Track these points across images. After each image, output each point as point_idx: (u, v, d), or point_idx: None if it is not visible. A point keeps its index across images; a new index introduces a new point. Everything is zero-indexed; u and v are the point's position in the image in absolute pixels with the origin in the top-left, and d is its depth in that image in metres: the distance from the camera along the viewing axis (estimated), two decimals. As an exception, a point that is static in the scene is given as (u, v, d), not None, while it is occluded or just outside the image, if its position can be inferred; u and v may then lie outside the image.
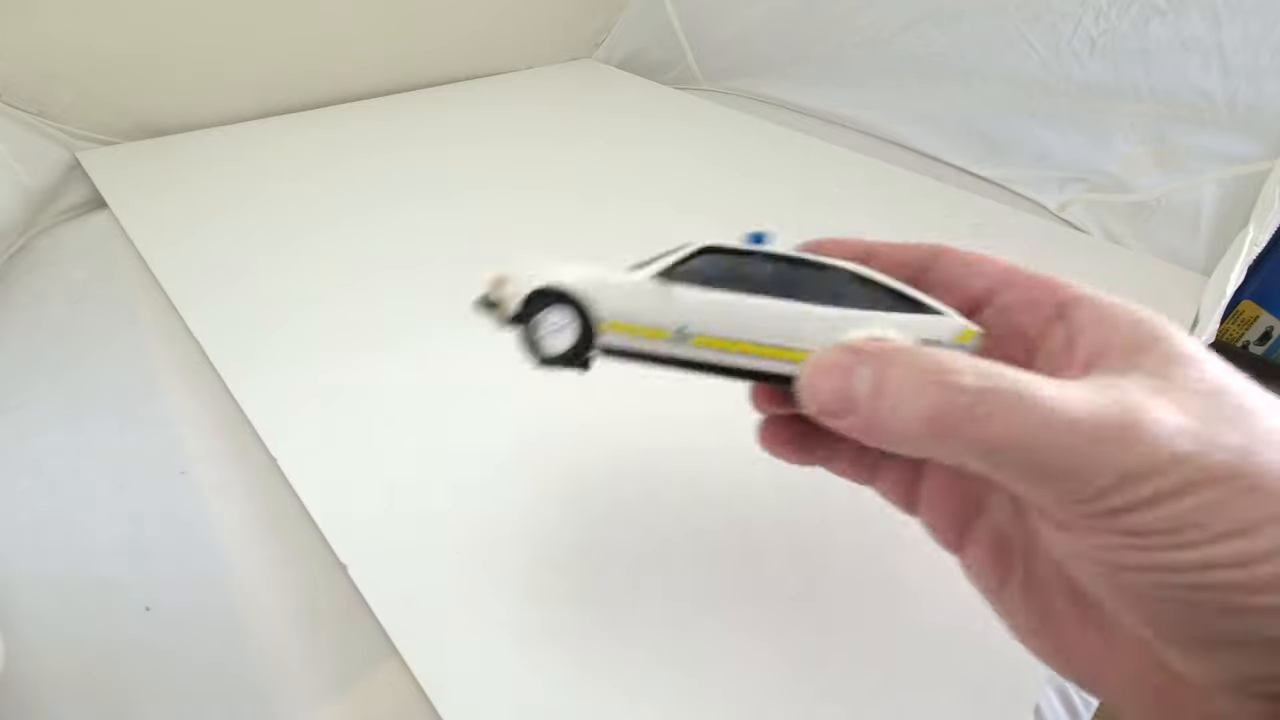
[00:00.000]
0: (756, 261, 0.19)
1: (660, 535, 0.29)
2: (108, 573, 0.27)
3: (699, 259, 0.19)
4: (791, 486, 0.30)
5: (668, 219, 0.53)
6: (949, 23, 0.66)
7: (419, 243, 0.47)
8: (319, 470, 0.31)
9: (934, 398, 0.14)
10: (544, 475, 0.31)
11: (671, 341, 0.19)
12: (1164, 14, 0.54)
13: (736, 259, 0.19)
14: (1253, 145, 0.53)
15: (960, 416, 0.14)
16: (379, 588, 0.27)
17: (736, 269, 0.19)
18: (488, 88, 0.76)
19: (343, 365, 0.36)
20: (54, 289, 0.42)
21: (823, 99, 0.76)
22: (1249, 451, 0.13)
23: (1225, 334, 0.86)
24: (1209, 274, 0.52)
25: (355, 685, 0.24)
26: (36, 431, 0.33)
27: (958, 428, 0.14)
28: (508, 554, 0.28)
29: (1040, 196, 0.63)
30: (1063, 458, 0.13)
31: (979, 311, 0.20)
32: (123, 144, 0.55)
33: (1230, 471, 0.13)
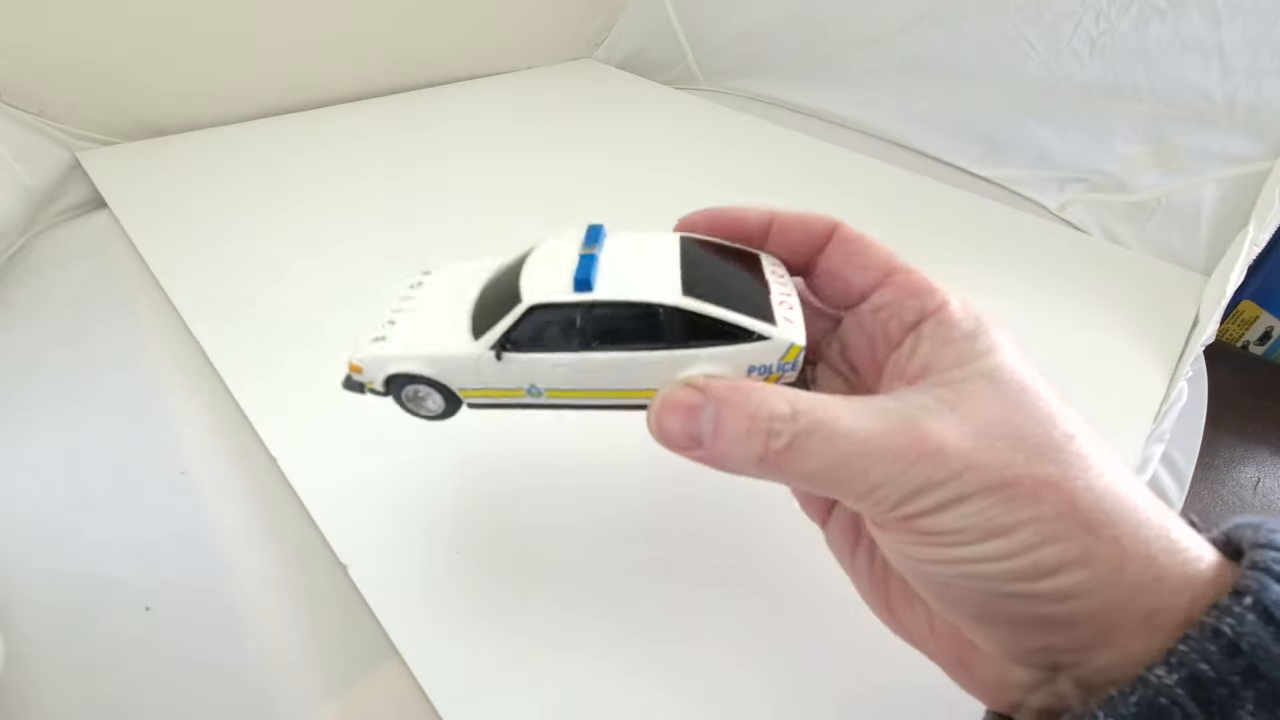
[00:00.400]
0: (583, 312, 0.19)
1: (661, 536, 0.29)
2: (108, 573, 0.27)
3: (528, 320, 0.19)
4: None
5: (668, 219, 0.53)
6: (949, 23, 0.66)
7: (419, 242, 0.47)
8: (319, 470, 0.31)
9: (759, 444, 0.17)
10: (545, 475, 0.31)
11: (528, 397, 0.21)
12: (1164, 14, 0.54)
13: (564, 312, 0.19)
14: (1253, 145, 0.53)
15: (781, 458, 0.17)
16: (379, 588, 0.27)
17: (566, 324, 0.19)
18: (488, 88, 0.76)
19: (343, 365, 0.36)
20: (54, 289, 0.42)
21: (823, 99, 0.76)
22: (1011, 466, 0.16)
23: (1225, 334, 0.86)
24: (1209, 274, 0.52)
25: (355, 685, 0.24)
26: (36, 431, 0.33)
27: (780, 466, 0.17)
28: (508, 554, 0.28)
29: (1040, 196, 0.63)
30: (862, 480, 0.16)
31: (856, 306, 0.22)
32: (123, 144, 0.55)
33: (994, 483, 0.16)
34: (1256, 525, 0.16)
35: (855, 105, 0.74)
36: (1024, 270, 0.50)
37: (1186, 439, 0.41)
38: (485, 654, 0.25)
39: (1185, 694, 0.14)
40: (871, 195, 0.60)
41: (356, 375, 0.22)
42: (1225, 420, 0.68)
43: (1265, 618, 0.14)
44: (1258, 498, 0.63)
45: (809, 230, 0.22)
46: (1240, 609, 0.14)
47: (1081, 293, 0.48)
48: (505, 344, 0.20)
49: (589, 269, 0.19)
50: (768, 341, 0.19)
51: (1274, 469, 0.65)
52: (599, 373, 0.19)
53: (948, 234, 0.55)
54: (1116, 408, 0.39)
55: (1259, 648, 0.13)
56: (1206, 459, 0.54)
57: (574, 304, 0.19)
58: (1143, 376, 0.42)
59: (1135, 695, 0.14)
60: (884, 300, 0.21)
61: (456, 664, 0.25)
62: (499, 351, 0.20)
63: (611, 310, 0.19)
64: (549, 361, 0.20)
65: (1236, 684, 0.13)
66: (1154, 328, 0.46)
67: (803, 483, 0.18)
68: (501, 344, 0.20)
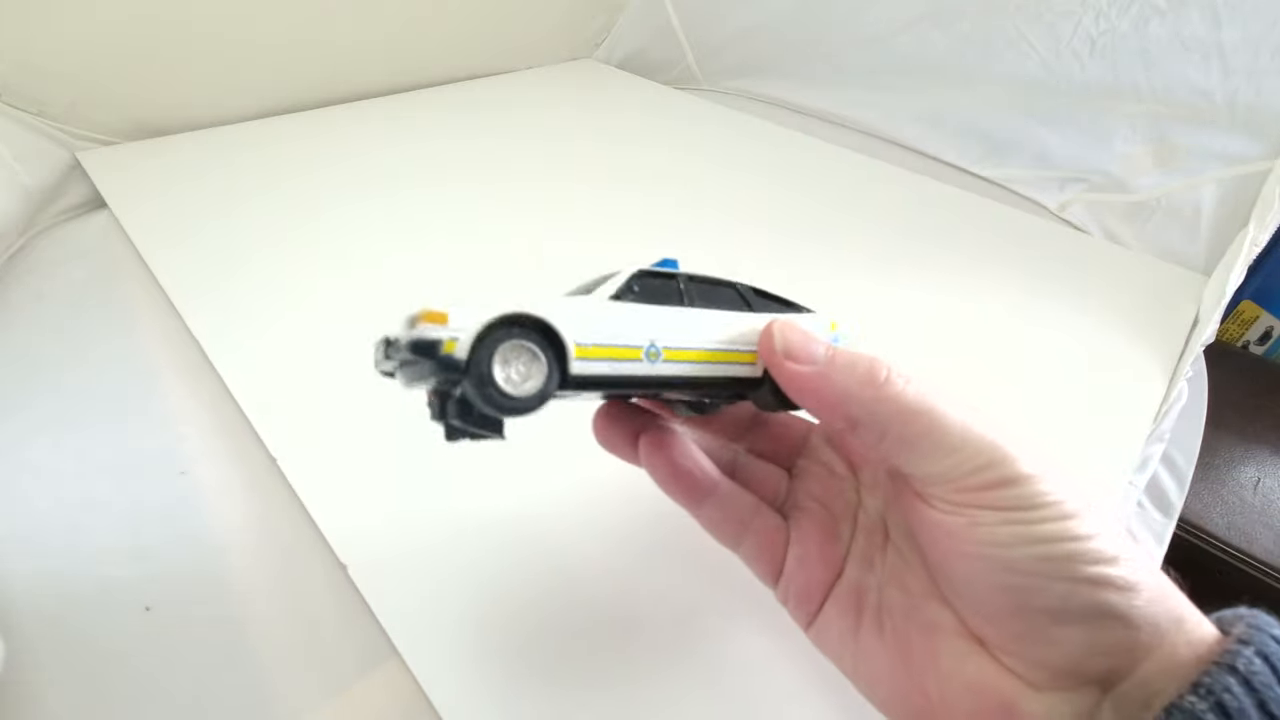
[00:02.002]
0: (679, 282, 0.21)
1: (663, 536, 0.29)
2: (108, 573, 0.27)
3: (636, 281, 0.20)
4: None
5: (668, 218, 0.53)
6: (949, 23, 0.66)
7: (419, 243, 0.47)
8: (319, 470, 0.31)
9: (876, 374, 0.19)
10: (546, 475, 0.31)
11: (644, 362, 0.19)
12: (1164, 14, 0.54)
13: (663, 281, 0.21)
14: (1253, 145, 0.53)
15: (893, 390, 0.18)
16: (379, 588, 0.27)
17: (667, 289, 0.21)
18: (488, 88, 0.76)
19: (344, 366, 0.36)
20: (54, 289, 0.42)
21: (823, 99, 0.76)
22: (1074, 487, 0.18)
23: (1225, 334, 0.86)
24: (1209, 274, 0.52)
25: (355, 685, 0.24)
26: (36, 431, 0.33)
27: (889, 397, 0.18)
28: (508, 554, 0.28)
29: (1040, 196, 0.63)
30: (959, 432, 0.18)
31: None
32: (123, 144, 0.55)
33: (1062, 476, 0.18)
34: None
35: (855, 105, 0.74)
36: (1024, 270, 0.50)
37: (1186, 439, 0.41)
38: (485, 654, 0.25)
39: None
40: (871, 195, 0.60)
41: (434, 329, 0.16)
42: (1225, 420, 0.68)
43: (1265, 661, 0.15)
44: (1258, 498, 0.63)
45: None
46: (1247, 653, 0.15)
47: (1082, 293, 0.48)
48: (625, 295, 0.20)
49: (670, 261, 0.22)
50: (815, 314, 0.23)
51: (1274, 469, 0.65)
52: (709, 325, 0.20)
53: (948, 234, 0.55)
54: (1116, 408, 0.39)
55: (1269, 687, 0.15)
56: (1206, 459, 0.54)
57: (671, 274, 0.21)
58: (1143, 376, 0.42)
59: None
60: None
61: (456, 664, 0.25)
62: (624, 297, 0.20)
63: (701, 282, 0.21)
64: (668, 312, 0.20)
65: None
66: (1154, 328, 0.46)
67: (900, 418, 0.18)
68: (622, 294, 0.20)
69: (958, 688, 0.18)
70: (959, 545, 0.18)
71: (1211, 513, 0.61)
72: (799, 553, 0.23)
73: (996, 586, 0.17)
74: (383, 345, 0.19)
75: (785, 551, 0.23)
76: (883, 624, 0.21)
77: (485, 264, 0.46)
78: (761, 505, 0.24)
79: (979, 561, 0.18)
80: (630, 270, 0.20)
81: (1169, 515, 0.37)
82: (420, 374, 0.17)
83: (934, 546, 0.19)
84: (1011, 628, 0.18)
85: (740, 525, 0.23)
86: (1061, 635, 0.17)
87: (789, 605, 0.23)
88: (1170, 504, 0.37)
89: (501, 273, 0.45)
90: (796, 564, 0.23)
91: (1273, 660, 0.15)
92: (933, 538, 0.19)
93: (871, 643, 0.21)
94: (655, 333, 0.19)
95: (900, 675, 0.20)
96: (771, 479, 0.25)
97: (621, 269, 0.21)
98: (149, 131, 0.56)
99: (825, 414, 0.20)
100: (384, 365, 0.19)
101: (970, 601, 0.18)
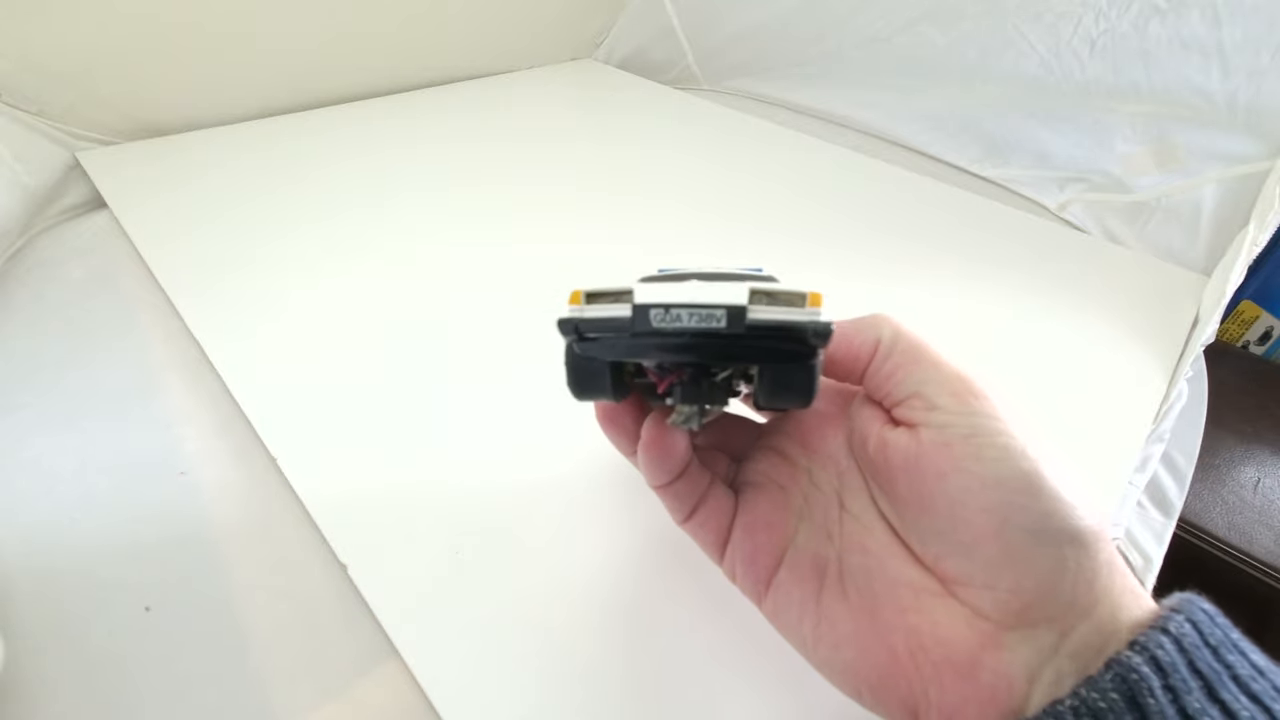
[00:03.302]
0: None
1: (665, 536, 0.29)
2: (108, 573, 0.27)
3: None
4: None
5: (668, 218, 0.53)
6: (949, 23, 0.66)
7: (420, 243, 0.47)
8: (319, 470, 0.31)
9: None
10: (546, 475, 0.31)
11: None
12: (1164, 14, 0.54)
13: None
14: (1253, 145, 0.53)
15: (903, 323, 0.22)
16: (379, 588, 0.27)
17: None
18: (488, 88, 0.76)
19: (343, 365, 0.36)
20: (54, 289, 0.42)
21: (823, 99, 0.76)
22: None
23: (1225, 334, 0.86)
24: (1209, 274, 0.52)
25: (355, 685, 0.24)
26: (36, 431, 0.33)
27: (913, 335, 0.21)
28: (508, 554, 0.28)
29: (1040, 196, 0.63)
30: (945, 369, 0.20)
31: None
32: (123, 144, 0.55)
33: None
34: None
35: (855, 105, 0.74)
36: (1024, 270, 0.50)
37: (1186, 439, 0.41)
38: (485, 654, 0.25)
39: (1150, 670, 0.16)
40: (871, 195, 0.60)
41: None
42: (1225, 420, 0.68)
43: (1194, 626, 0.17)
44: (1258, 498, 0.63)
45: None
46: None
47: (1081, 293, 0.48)
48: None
49: None
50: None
51: (1274, 469, 0.65)
52: None
53: (948, 234, 0.55)
54: (1116, 407, 0.39)
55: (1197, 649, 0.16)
56: (1206, 459, 0.54)
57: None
58: (1143, 376, 0.42)
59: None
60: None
61: (456, 664, 0.25)
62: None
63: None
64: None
65: None
66: (1154, 328, 0.46)
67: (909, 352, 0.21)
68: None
69: (926, 639, 0.19)
70: (943, 464, 0.19)
71: (1211, 513, 0.61)
72: (745, 521, 0.23)
73: (979, 506, 0.18)
74: None
75: (732, 523, 0.23)
76: (845, 588, 0.21)
77: (485, 263, 0.46)
78: (716, 481, 0.24)
79: (963, 478, 0.18)
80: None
81: (1169, 515, 0.37)
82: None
83: (914, 475, 0.19)
84: (989, 552, 0.18)
85: (698, 500, 0.23)
86: (1038, 556, 0.18)
87: (737, 578, 0.23)
88: (1170, 504, 0.37)
89: (501, 273, 0.45)
90: (742, 532, 0.23)
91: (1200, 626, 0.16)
92: (913, 465, 0.19)
93: (834, 606, 0.21)
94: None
95: (866, 634, 0.20)
96: (720, 463, 0.25)
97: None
98: (149, 131, 0.56)
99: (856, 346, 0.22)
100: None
101: (949, 528, 0.19)
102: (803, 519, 0.23)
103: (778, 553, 0.22)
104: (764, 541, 0.22)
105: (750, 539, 0.23)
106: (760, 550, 0.22)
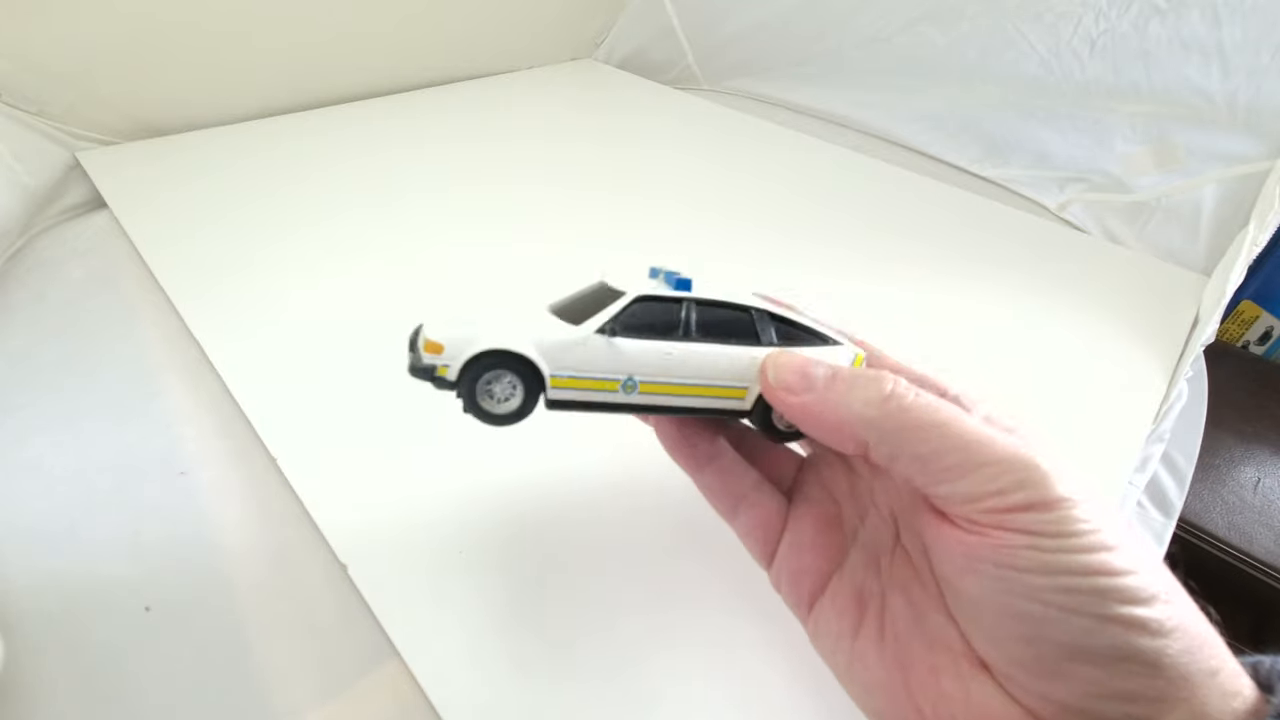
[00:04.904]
0: (686, 308, 0.20)
1: (667, 536, 0.29)
2: (108, 573, 0.27)
3: (634, 309, 0.20)
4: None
5: (668, 218, 0.53)
6: (949, 23, 0.66)
7: (419, 242, 0.47)
8: (319, 470, 0.31)
9: (887, 385, 0.18)
10: (546, 475, 0.31)
11: (619, 392, 0.20)
12: (1164, 14, 0.54)
13: (667, 306, 0.20)
14: (1253, 145, 0.53)
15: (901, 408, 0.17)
16: (379, 588, 0.27)
17: (670, 316, 0.20)
18: (488, 88, 0.76)
19: (343, 364, 0.36)
20: (54, 289, 0.42)
21: (823, 99, 0.76)
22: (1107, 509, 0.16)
23: (1225, 334, 0.86)
24: (1209, 274, 0.52)
25: (355, 685, 0.24)
26: (36, 431, 0.33)
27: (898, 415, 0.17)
28: (508, 554, 0.28)
29: (1040, 196, 0.63)
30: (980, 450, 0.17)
31: None
32: (123, 144, 0.55)
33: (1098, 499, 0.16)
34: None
35: (855, 105, 0.74)
36: (1024, 270, 0.50)
37: (1186, 439, 0.41)
38: (485, 654, 0.25)
39: None
40: (871, 195, 0.60)
41: (432, 356, 0.20)
42: (1225, 420, 0.68)
43: None
44: (1258, 498, 0.63)
45: None
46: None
47: (1081, 293, 0.48)
48: (614, 328, 0.20)
49: (687, 283, 0.21)
50: (840, 347, 0.22)
51: (1274, 469, 0.65)
52: (702, 364, 0.20)
53: (948, 234, 0.55)
54: (1116, 408, 0.39)
55: None
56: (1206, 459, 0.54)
57: (677, 298, 0.20)
58: (1143, 376, 0.42)
59: None
60: None
61: (456, 664, 0.25)
62: (611, 331, 0.20)
63: (710, 308, 0.21)
64: (654, 349, 0.20)
65: None
66: (1154, 328, 0.46)
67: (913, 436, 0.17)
68: (610, 328, 0.20)
69: (958, 710, 0.17)
70: (974, 563, 0.17)
71: (1211, 513, 0.61)
72: (793, 538, 0.22)
73: (1009, 611, 0.16)
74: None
75: (781, 534, 0.22)
76: (884, 632, 0.20)
77: (485, 263, 0.46)
78: (764, 482, 0.23)
79: (994, 582, 0.16)
80: (630, 296, 0.20)
81: (1169, 515, 0.37)
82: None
83: (946, 560, 0.18)
84: (1019, 654, 0.16)
85: (737, 498, 0.23)
86: (1075, 672, 0.15)
87: (781, 591, 0.22)
88: (1170, 504, 0.37)
89: (501, 272, 0.45)
90: (789, 549, 0.22)
91: None
92: (946, 552, 0.18)
93: (869, 649, 0.20)
94: (636, 368, 0.20)
95: (897, 688, 0.19)
96: (782, 460, 0.24)
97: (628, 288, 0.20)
98: (149, 131, 0.56)
99: (832, 439, 0.19)
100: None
101: (977, 621, 0.17)
102: (854, 541, 0.22)
103: (823, 579, 0.21)
104: (810, 564, 0.22)
105: (797, 559, 0.22)
106: (806, 573, 0.22)
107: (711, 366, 0.20)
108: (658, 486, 0.30)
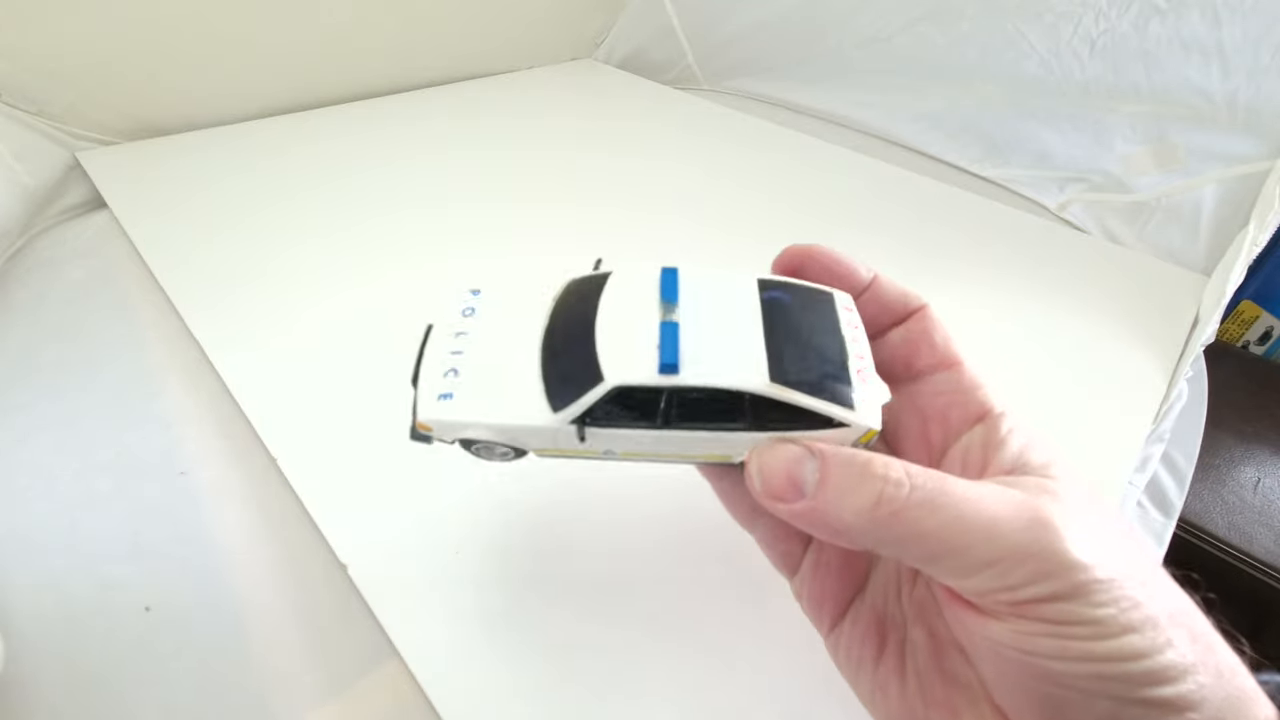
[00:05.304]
0: (668, 394, 0.18)
1: (668, 537, 0.29)
2: (108, 573, 0.27)
3: (612, 397, 0.18)
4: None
5: (668, 218, 0.53)
6: (949, 23, 0.66)
7: (419, 242, 0.47)
8: (319, 470, 0.31)
9: (873, 493, 0.16)
10: (546, 476, 0.31)
11: (602, 457, 0.21)
12: (1164, 14, 0.54)
13: (648, 394, 0.18)
14: (1253, 145, 0.53)
15: (896, 512, 0.16)
16: (379, 588, 0.27)
17: (649, 404, 0.19)
18: (488, 88, 0.76)
19: (343, 365, 0.36)
20: (54, 289, 0.42)
21: (823, 99, 0.76)
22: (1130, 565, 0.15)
23: (1225, 334, 0.86)
24: (1209, 274, 0.52)
25: (355, 685, 0.24)
26: (36, 431, 0.33)
27: (893, 520, 0.16)
28: (508, 554, 0.28)
29: (1040, 196, 0.63)
30: (986, 546, 0.15)
31: (906, 383, 0.22)
32: (123, 144, 0.55)
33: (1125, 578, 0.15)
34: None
35: (855, 105, 0.74)
36: (1024, 270, 0.50)
37: (1186, 439, 0.41)
38: (485, 654, 0.25)
39: None
40: (871, 195, 0.60)
41: (426, 431, 0.22)
42: (1225, 420, 0.68)
43: None
44: (1258, 498, 0.63)
45: (903, 303, 0.23)
46: None
47: (1081, 293, 0.48)
48: (586, 419, 0.19)
49: (673, 348, 0.18)
50: (845, 429, 0.19)
51: (1274, 469, 0.65)
52: (677, 445, 0.20)
53: (948, 234, 0.55)
54: (1116, 408, 0.39)
55: None
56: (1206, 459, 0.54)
57: (659, 388, 0.18)
58: (1143, 376, 0.42)
59: None
60: (947, 387, 0.21)
61: (456, 664, 0.25)
62: (580, 430, 0.19)
63: (696, 394, 0.18)
64: (630, 436, 0.19)
65: None
66: (1154, 328, 0.46)
67: (911, 544, 0.16)
68: (583, 420, 0.19)
69: None
70: (992, 645, 0.16)
71: (1211, 513, 0.61)
72: (815, 558, 0.22)
73: (1031, 691, 0.16)
74: None
75: (805, 549, 0.22)
76: (905, 665, 0.19)
77: (485, 264, 0.46)
78: None
79: (1013, 665, 0.16)
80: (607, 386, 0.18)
81: (1169, 515, 0.37)
82: None
83: (964, 635, 0.17)
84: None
85: (756, 507, 0.22)
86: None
87: (802, 605, 0.22)
88: (1170, 504, 0.37)
89: (500, 273, 0.45)
90: (811, 567, 0.22)
91: None
92: (963, 628, 0.17)
93: (890, 679, 0.19)
94: (615, 446, 0.20)
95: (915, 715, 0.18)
96: None
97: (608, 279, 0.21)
98: (149, 131, 0.56)
99: (837, 543, 0.19)
100: None
101: (997, 688, 0.17)
102: (877, 563, 0.21)
103: (844, 602, 0.21)
104: (832, 587, 0.21)
105: (818, 580, 0.21)
106: (827, 595, 0.21)
107: (693, 449, 0.20)
108: (659, 488, 0.30)
